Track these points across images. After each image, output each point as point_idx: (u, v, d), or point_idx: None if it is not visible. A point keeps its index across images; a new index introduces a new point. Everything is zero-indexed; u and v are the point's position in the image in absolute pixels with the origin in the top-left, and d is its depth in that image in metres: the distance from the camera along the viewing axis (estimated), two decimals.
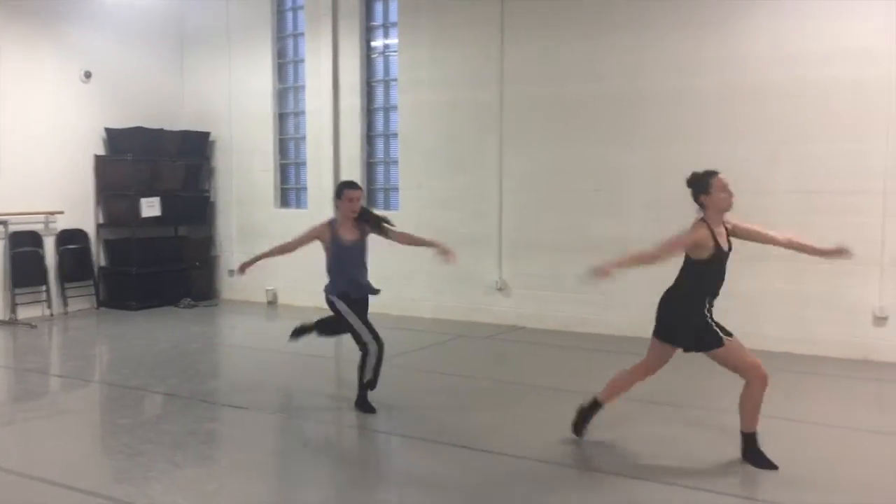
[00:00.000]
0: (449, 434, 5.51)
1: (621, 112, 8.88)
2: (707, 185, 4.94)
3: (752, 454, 4.84)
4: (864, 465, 5.03)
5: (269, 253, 6.27)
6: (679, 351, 5.01)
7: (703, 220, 4.95)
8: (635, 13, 8.71)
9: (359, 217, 6.14)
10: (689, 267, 5.01)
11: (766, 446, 4.89)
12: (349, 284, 6.13)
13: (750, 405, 4.84)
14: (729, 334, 4.85)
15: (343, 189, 6.15)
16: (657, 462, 4.98)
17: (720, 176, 4.95)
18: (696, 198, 5.01)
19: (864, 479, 4.75)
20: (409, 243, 6.41)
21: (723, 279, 4.96)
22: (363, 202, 6.27)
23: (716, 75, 8.34)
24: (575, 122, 9.16)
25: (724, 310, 4.76)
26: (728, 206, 4.95)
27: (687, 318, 4.89)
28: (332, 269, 6.18)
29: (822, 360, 7.71)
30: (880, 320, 7.71)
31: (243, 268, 6.25)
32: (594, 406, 5.25)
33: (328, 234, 6.10)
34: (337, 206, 6.15)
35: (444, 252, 6.27)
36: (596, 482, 4.78)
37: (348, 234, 6.13)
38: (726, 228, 5.01)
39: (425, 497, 4.52)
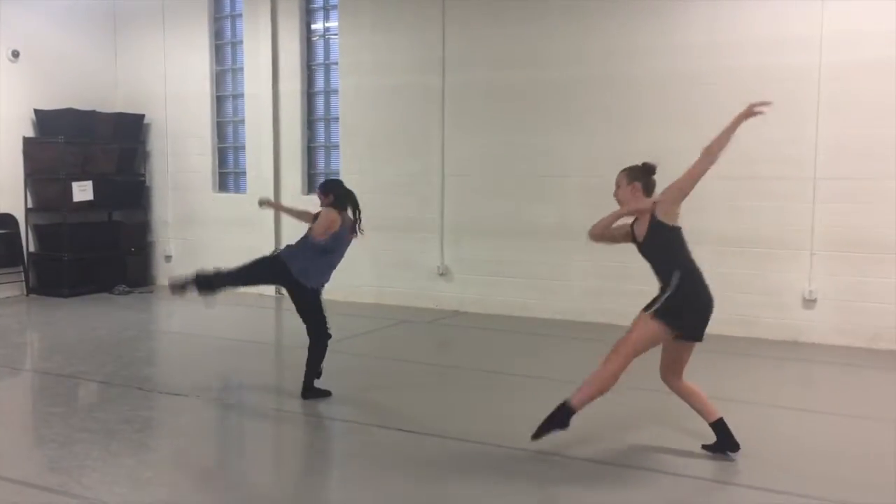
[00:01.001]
0: (391, 418, 5.52)
1: (561, 98, 8.97)
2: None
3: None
4: (791, 441, 5.20)
5: (290, 210, 6.91)
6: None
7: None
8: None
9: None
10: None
11: (695, 427, 5.02)
12: (326, 277, 6.03)
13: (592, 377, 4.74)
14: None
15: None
16: (603, 443, 5.08)
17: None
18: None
19: (791, 454, 4.92)
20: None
21: (652, 266, 4.95)
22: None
23: (652, 62, 8.48)
24: (516, 107, 9.21)
25: (652, 294, 4.81)
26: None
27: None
28: (317, 259, 5.95)
29: (753, 342, 7.95)
30: (809, 303, 7.98)
31: (266, 202, 6.96)
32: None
33: (339, 224, 6.00)
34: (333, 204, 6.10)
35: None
36: (544, 463, 4.84)
37: (350, 231, 6.10)
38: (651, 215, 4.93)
39: (365, 482, 4.52)
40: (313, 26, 10.67)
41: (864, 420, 5.64)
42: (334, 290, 10.25)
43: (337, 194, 6.19)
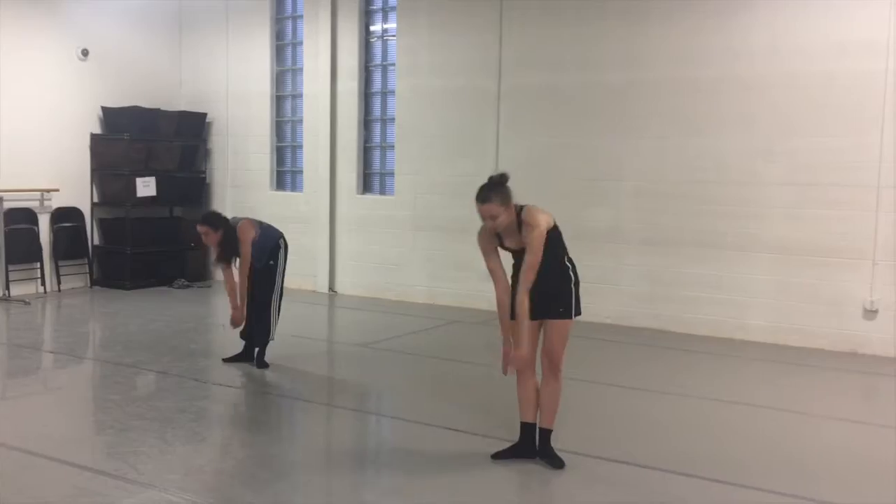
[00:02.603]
0: (436, 417, 5.56)
1: (617, 101, 8.90)
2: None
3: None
4: (850, 455, 5.07)
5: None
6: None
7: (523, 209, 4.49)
8: (632, 2, 8.71)
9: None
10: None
11: (757, 434, 4.94)
12: None
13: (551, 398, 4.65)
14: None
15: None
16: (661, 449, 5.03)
17: (478, 205, 4.34)
18: None
19: (851, 469, 4.80)
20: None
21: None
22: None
23: (712, 66, 8.35)
24: (572, 110, 9.17)
25: (712, 301, 4.73)
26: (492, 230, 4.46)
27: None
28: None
29: (811, 352, 7.77)
30: (870, 314, 7.76)
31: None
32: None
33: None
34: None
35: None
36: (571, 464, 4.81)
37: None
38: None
39: (408, 480, 4.56)
40: (372, 27, 10.79)
41: None
42: (387, 290, 10.49)
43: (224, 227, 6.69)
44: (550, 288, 4.55)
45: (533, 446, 4.73)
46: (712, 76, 8.36)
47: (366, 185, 10.90)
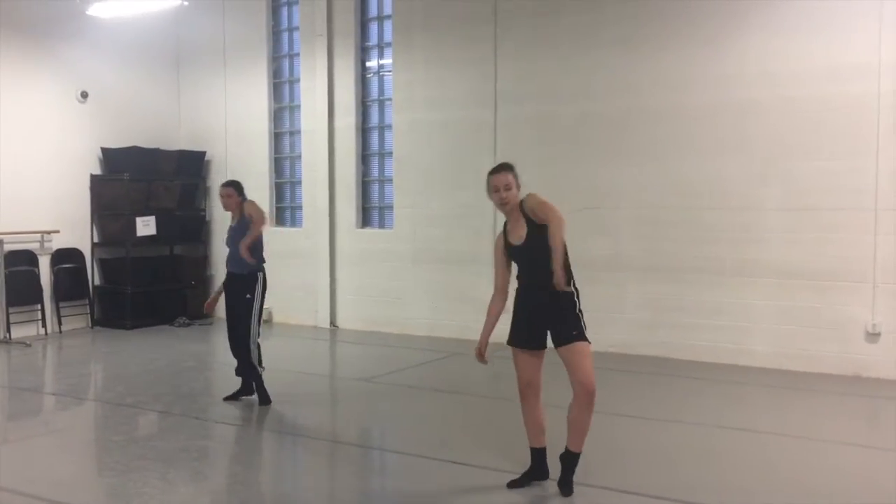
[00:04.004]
0: (443, 452, 5.52)
1: (613, 129, 8.96)
2: (487, 182, 4.68)
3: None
4: (855, 480, 5.04)
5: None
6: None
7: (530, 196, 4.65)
8: (626, 31, 8.82)
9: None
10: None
11: (762, 460, 4.90)
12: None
13: (584, 422, 4.56)
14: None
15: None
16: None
17: (493, 175, 4.63)
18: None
19: (856, 493, 4.76)
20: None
21: (532, 269, 4.64)
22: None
23: (705, 93, 8.43)
24: (568, 140, 9.23)
25: (713, 327, 4.71)
26: (499, 205, 4.69)
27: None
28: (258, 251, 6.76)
29: (813, 377, 7.74)
30: (873, 336, 7.75)
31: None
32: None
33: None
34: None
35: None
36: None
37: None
38: (528, 218, 4.59)
39: None
40: (368, 63, 10.90)
41: None
42: (388, 324, 10.47)
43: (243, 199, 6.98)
44: (559, 314, 4.56)
45: (545, 469, 4.80)
46: (708, 102, 8.42)
47: (365, 219, 10.94)
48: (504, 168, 4.66)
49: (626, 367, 8.29)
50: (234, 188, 6.97)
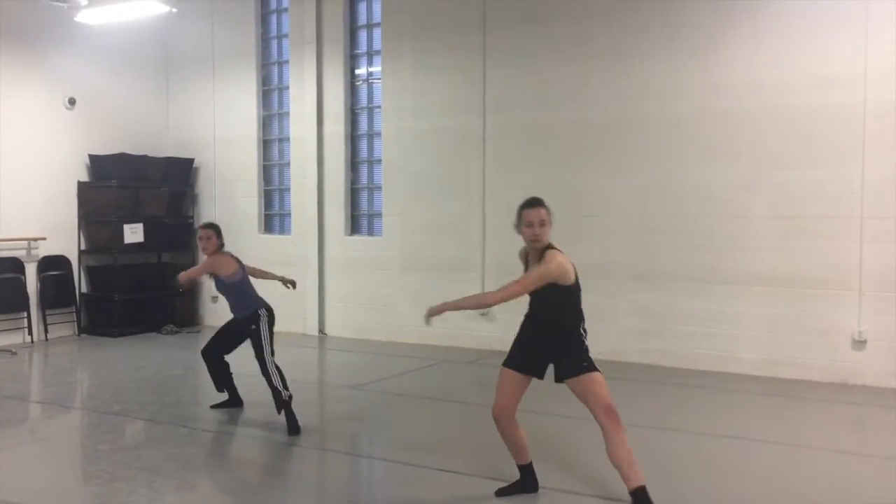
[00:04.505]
0: (429, 458, 5.50)
1: (602, 138, 9.00)
2: (518, 215, 4.52)
3: None
4: (843, 485, 5.05)
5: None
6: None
7: (552, 246, 4.51)
8: (615, 40, 8.86)
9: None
10: (564, 294, 4.49)
11: (751, 467, 4.90)
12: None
13: (623, 453, 4.38)
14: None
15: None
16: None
17: (529, 210, 4.46)
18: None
19: (844, 499, 4.78)
20: (259, 276, 6.94)
21: (544, 307, 4.60)
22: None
23: (694, 101, 8.48)
24: (557, 147, 9.26)
25: (702, 334, 4.68)
26: (530, 242, 4.48)
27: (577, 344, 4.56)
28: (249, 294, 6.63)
29: (802, 384, 7.77)
30: (859, 344, 7.79)
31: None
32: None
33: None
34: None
35: (286, 282, 7.01)
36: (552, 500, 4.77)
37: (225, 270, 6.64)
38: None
39: None
40: (357, 71, 10.91)
41: None
42: (376, 331, 10.45)
43: (221, 243, 6.77)
44: (564, 349, 4.53)
45: (534, 482, 4.80)
46: (696, 111, 8.47)
47: (354, 226, 10.92)
48: (539, 203, 4.48)
49: (617, 374, 8.24)
50: (213, 231, 6.73)
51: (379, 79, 10.61)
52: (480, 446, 5.77)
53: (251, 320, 6.42)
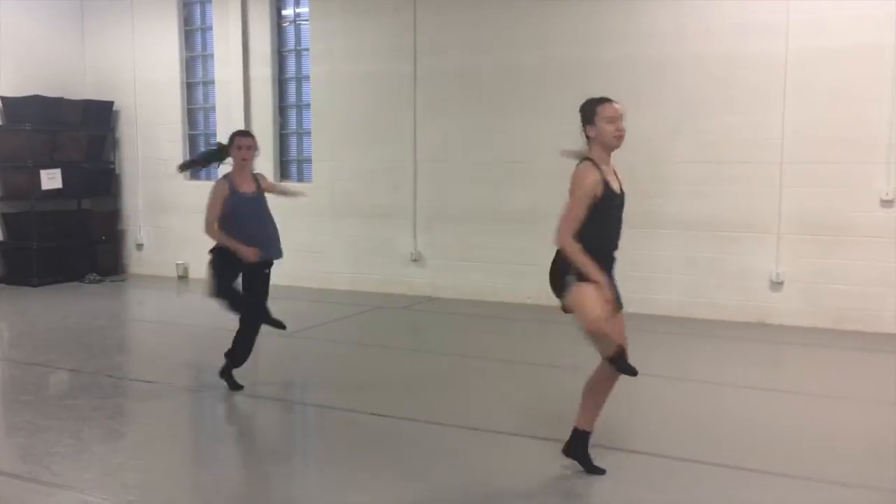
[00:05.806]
0: (365, 402, 5.56)
1: (530, 82, 9.00)
2: (593, 113, 4.14)
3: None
4: (755, 420, 5.30)
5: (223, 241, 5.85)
6: None
7: (588, 159, 4.21)
8: None
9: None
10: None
11: (667, 406, 5.08)
12: (252, 243, 5.86)
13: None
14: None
15: (234, 137, 5.83)
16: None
17: (612, 104, 4.12)
18: (582, 129, 4.22)
19: (756, 434, 5.02)
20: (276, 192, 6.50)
21: (618, 225, 4.36)
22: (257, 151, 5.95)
23: (621, 48, 8.54)
24: (486, 92, 9.24)
25: (621, 277, 4.72)
26: (613, 142, 4.18)
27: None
28: (230, 228, 5.80)
29: (719, 324, 8.07)
30: (776, 285, 8.10)
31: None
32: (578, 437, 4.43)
33: (227, 189, 5.78)
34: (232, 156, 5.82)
35: (294, 194, 6.72)
36: (517, 445, 4.89)
37: (246, 187, 5.87)
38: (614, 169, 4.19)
39: (339, 468, 4.55)
40: (284, 12, 10.61)
41: (828, 399, 5.76)
42: (308, 278, 10.37)
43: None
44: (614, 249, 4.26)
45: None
46: (622, 57, 8.53)
47: (283, 172, 10.74)
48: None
49: (538, 316, 8.45)
50: (254, 139, 5.88)
51: (307, 20, 10.34)
52: (416, 390, 5.84)
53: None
